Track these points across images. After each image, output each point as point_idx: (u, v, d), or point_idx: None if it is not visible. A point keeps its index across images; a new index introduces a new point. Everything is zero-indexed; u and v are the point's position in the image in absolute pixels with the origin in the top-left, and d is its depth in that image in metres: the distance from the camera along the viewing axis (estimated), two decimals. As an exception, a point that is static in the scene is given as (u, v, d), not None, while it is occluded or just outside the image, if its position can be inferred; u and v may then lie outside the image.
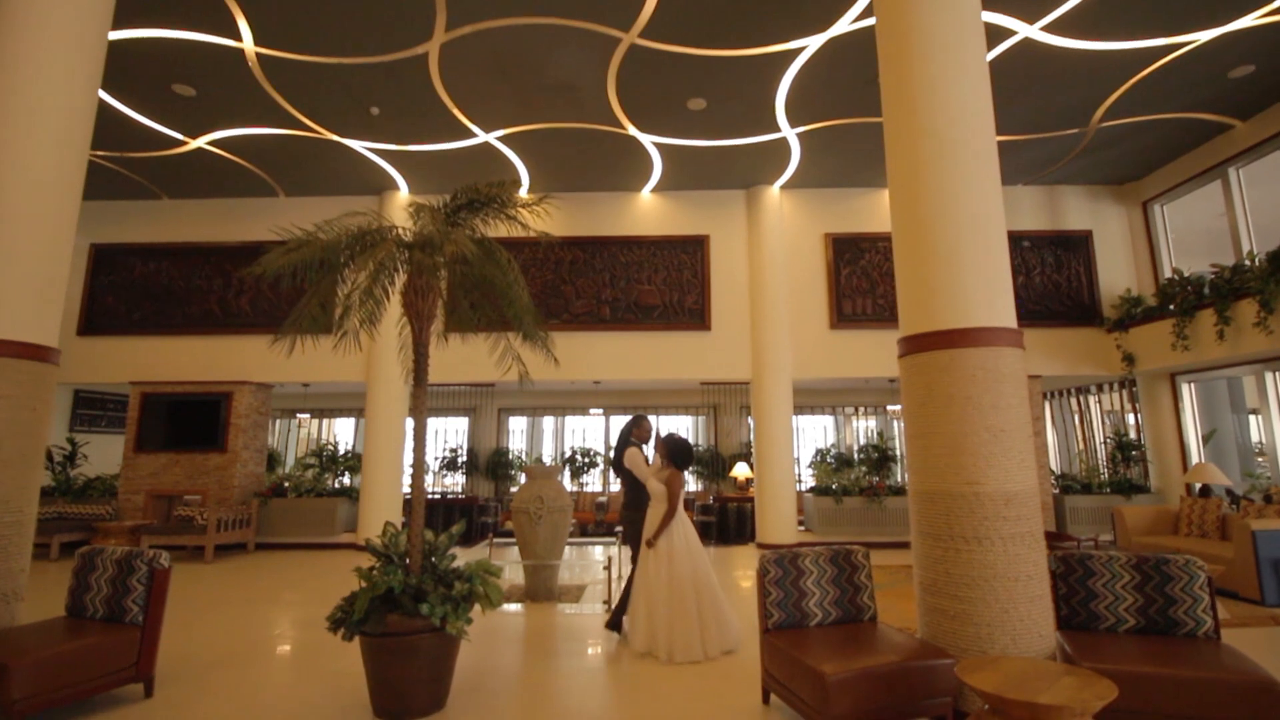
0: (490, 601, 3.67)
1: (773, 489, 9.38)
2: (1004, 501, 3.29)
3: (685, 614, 4.42)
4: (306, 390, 13.18)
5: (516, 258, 9.93)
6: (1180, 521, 7.33)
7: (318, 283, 3.53)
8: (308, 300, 3.51)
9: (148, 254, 10.42)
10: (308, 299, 3.51)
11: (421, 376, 3.75)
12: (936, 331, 3.52)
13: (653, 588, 4.55)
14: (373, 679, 3.50)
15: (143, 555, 3.88)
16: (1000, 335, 3.45)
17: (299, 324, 3.51)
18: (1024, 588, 3.24)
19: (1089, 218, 10.26)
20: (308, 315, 3.49)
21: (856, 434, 14.11)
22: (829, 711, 2.98)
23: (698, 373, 9.94)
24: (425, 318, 3.75)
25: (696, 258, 10.01)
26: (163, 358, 10.09)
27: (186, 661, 4.46)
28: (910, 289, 3.74)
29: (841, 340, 9.85)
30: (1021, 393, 3.45)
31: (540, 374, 9.93)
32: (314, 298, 3.50)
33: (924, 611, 3.51)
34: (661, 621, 4.44)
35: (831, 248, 9.96)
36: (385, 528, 3.87)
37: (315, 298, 3.50)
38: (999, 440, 3.34)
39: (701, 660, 4.32)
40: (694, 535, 4.76)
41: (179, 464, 9.82)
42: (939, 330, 3.51)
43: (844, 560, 3.81)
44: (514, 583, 7.03)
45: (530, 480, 6.56)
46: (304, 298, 3.52)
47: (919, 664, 3.15)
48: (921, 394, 3.55)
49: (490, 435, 13.98)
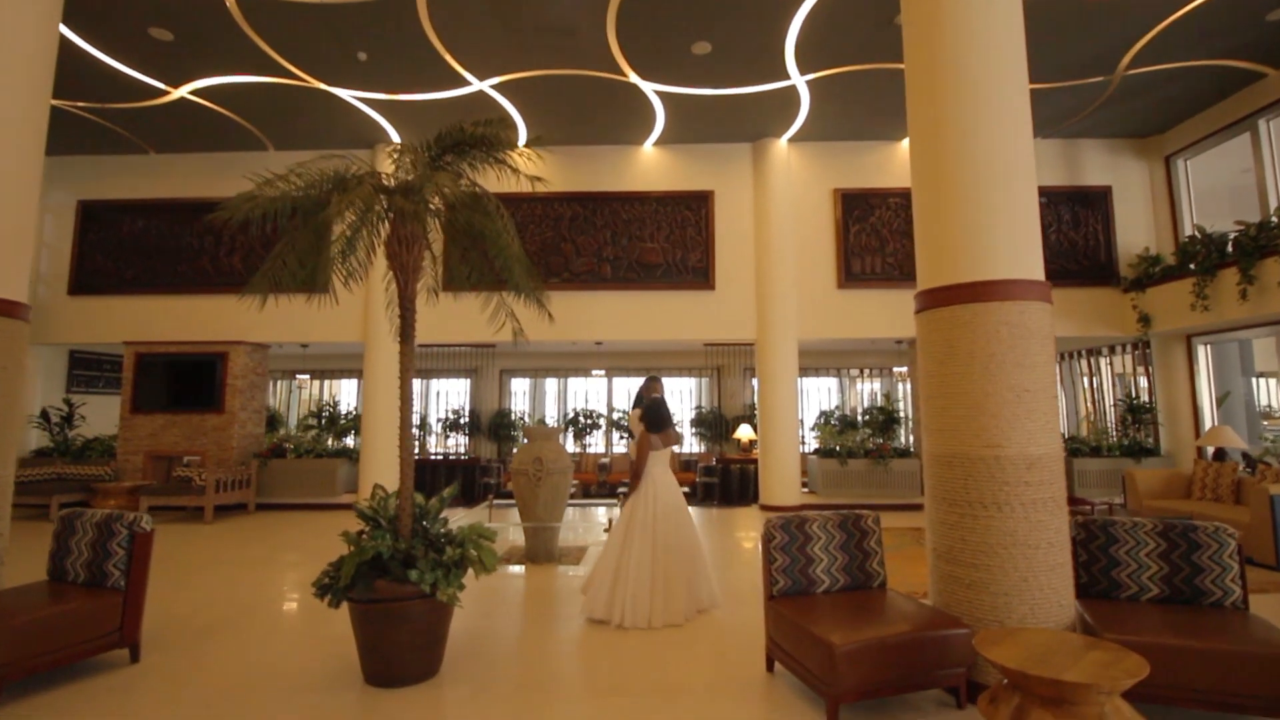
0: (484, 566, 3.53)
1: (777, 451, 9.24)
2: (1026, 466, 3.09)
3: (640, 581, 4.25)
4: (306, 351, 13.02)
5: (514, 214, 9.65)
6: (1193, 485, 7.17)
7: (293, 233, 3.28)
8: (280, 252, 3.26)
9: (136, 211, 10.13)
10: (280, 251, 3.27)
11: (408, 333, 3.54)
12: (959, 284, 3.28)
13: (612, 552, 4.43)
14: (362, 646, 3.38)
15: (123, 518, 3.73)
16: (1028, 288, 3.21)
17: (272, 279, 3.27)
18: (1045, 555, 3.07)
19: (1109, 173, 9.86)
20: (283, 269, 3.25)
21: (861, 396, 13.96)
22: (838, 683, 2.85)
23: (701, 333, 9.71)
24: (411, 270, 3.51)
25: (700, 214, 9.68)
26: (156, 317, 9.89)
27: (177, 625, 4.37)
28: (931, 239, 3.49)
29: (849, 300, 9.58)
30: (1048, 350, 3.23)
31: (539, 334, 9.69)
32: (289, 250, 3.25)
33: (937, 579, 3.35)
34: (613, 585, 4.31)
35: (840, 204, 9.61)
36: (374, 491, 3.71)
37: (291, 250, 3.25)
38: (1023, 401, 3.13)
39: (646, 628, 4.16)
40: (672, 500, 4.50)
41: (176, 425, 9.71)
42: (962, 283, 3.27)
43: (853, 525, 3.64)
44: (515, 544, 6.95)
45: (530, 442, 6.41)
46: (275, 249, 3.28)
47: (932, 634, 3.00)
48: (941, 351, 3.33)
49: (492, 397, 13.86)
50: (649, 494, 4.47)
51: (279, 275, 3.25)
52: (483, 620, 4.53)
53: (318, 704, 3.19)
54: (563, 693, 3.33)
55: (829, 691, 2.89)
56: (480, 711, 3.14)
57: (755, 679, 3.47)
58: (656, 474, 4.54)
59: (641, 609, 4.21)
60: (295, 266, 3.23)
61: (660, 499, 4.45)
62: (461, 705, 3.22)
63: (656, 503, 4.43)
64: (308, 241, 3.24)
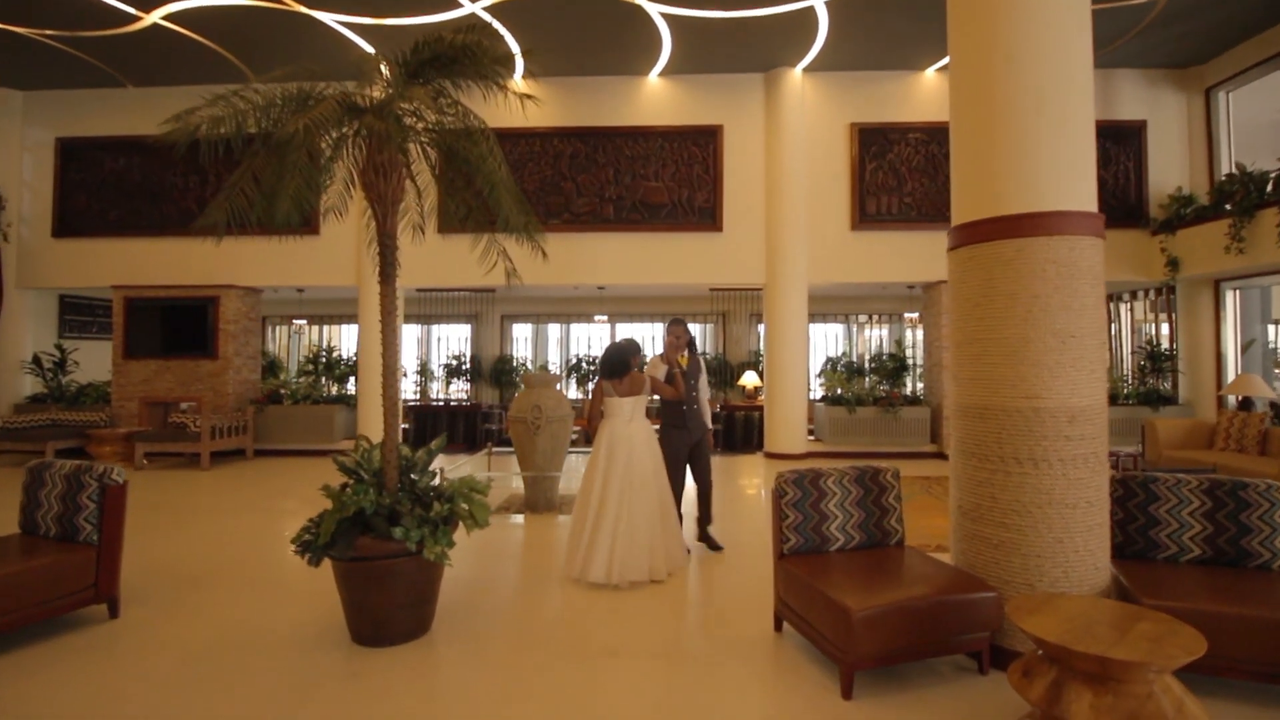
0: (476, 522, 3.31)
1: (783, 398, 9.00)
2: (1068, 419, 2.81)
3: (601, 532, 4.03)
4: (303, 296, 12.72)
5: (511, 152, 9.22)
6: (1217, 435, 6.92)
7: (252, 159, 2.92)
8: (238, 181, 2.91)
9: (117, 148, 9.68)
10: (238, 179, 2.91)
11: (388, 273, 3.22)
12: (1002, 217, 2.92)
13: (577, 509, 4.24)
14: (348, 605, 3.20)
15: (93, 470, 3.51)
16: (1079, 221, 2.86)
17: (230, 212, 2.92)
18: (1083, 515, 2.82)
19: (1144, 106, 9.26)
20: (242, 201, 2.89)
21: (869, 343, 13.64)
22: (854, 650, 2.64)
23: (708, 277, 9.34)
24: (390, 203, 3.17)
25: (708, 151, 9.16)
26: (144, 260, 9.56)
27: (162, 576, 4.21)
28: (970, 168, 3.12)
29: (863, 242, 9.16)
30: (1098, 291, 2.90)
31: (537, 276, 9.32)
32: (247, 179, 2.90)
33: (961, 538, 3.12)
34: (574, 541, 4.16)
35: (857, 139, 9.07)
36: (357, 441, 3.47)
37: (249, 180, 2.89)
38: (1068, 347, 2.82)
39: (605, 584, 3.97)
40: (635, 453, 4.16)
41: (170, 370, 9.51)
42: (1005, 216, 2.91)
43: (871, 480, 3.40)
44: (516, 491, 6.79)
45: (528, 389, 6.16)
46: (233, 177, 2.93)
47: (956, 598, 2.78)
48: (976, 292, 3.00)
49: (494, 342, 13.61)
50: (604, 446, 4.19)
51: (239, 209, 2.91)
52: (479, 571, 4.37)
53: (299, 664, 3.03)
54: (559, 653, 3.15)
55: (844, 658, 2.69)
56: (470, 675, 2.96)
57: (762, 639, 3.29)
58: (616, 426, 4.22)
59: (599, 565, 3.98)
60: (257, 198, 2.89)
61: (618, 452, 4.14)
62: (451, 667, 3.05)
63: (612, 456, 4.14)
64: (270, 170, 2.88)
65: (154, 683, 2.87)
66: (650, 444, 4.32)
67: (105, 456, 8.57)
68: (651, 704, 2.70)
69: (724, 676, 2.92)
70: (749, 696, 2.77)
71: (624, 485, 4.11)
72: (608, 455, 4.17)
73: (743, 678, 2.91)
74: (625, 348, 4.36)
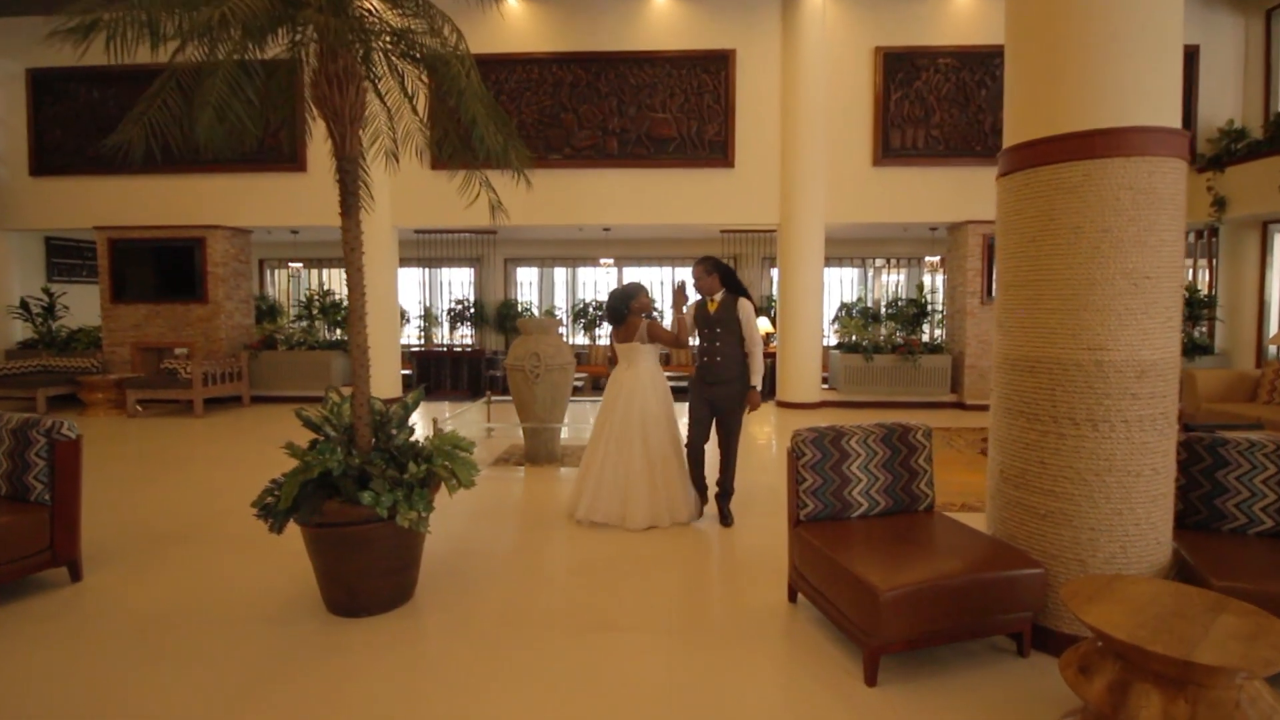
0: (459, 482, 2.99)
1: (797, 345, 8.60)
2: (1136, 374, 2.41)
3: (590, 473, 4.18)
4: (297, 238, 12.29)
5: (506, 81, 8.59)
6: (1261, 387, 6.49)
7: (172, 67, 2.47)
8: (160, 90, 2.48)
9: (92, 80, 9.09)
10: (160, 88, 2.48)
11: (350, 204, 2.80)
12: (1068, 135, 2.45)
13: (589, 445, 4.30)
14: (320, 573, 2.92)
15: (40, 424, 3.21)
16: (1162, 140, 2.39)
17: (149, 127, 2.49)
18: (1146, 484, 2.46)
19: (1196, 29, 8.44)
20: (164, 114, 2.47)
21: (885, 288, 13.13)
22: (880, 633, 2.33)
23: (719, 217, 8.80)
24: (348, 120, 2.73)
25: (720, 79, 8.49)
26: (126, 200, 9.11)
27: (137, 534, 3.98)
28: (1028, 75, 2.62)
29: (885, 179, 8.56)
30: (1179, 224, 2.46)
31: (537, 216, 8.82)
32: (170, 88, 2.46)
33: (1002, 505, 2.78)
34: (582, 482, 4.23)
35: (882, 66, 8.36)
36: (327, 393, 3.13)
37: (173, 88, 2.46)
38: (1141, 291, 2.39)
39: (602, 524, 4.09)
40: (641, 402, 4.12)
41: (160, 315, 9.19)
42: (1072, 133, 2.44)
43: (899, 439, 3.03)
44: (516, 442, 6.52)
45: (525, 335, 5.79)
46: (154, 86, 2.49)
47: (998, 574, 2.45)
48: (1033, 226, 2.56)
49: (497, 286, 13.22)
50: (607, 392, 4.27)
51: (160, 123, 2.49)
52: (471, 530, 4.10)
53: (267, 635, 2.77)
54: (551, 625, 2.88)
55: (868, 642, 2.38)
56: (454, 649, 2.69)
57: (775, 612, 3.00)
58: (618, 372, 4.27)
59: (584, 503, 4.14)
60: (180, 111, 2.46)
61: (614, 398, 4.19)
62: (431, 640, 2.78)
63: (610, 403, 4.21)
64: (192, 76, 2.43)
65: (108, 656, 2.61)
66: (652, 391, 4.18)
67: (97, 404, 8.35)
68: (652, 690, 2.41)
69: (733, 657, 2.63)
70: (762, 682, 2.48)
71: (620, 431, 4.11)
72: (607, 401, 4.24)
73: (754, 659, 2.62)
74: (621, 292, 4.25)
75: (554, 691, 2.40)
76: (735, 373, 4.07)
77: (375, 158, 3.69)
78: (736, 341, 4.07)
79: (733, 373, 4.06)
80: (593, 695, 2.37)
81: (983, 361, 8.74)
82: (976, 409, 8.58)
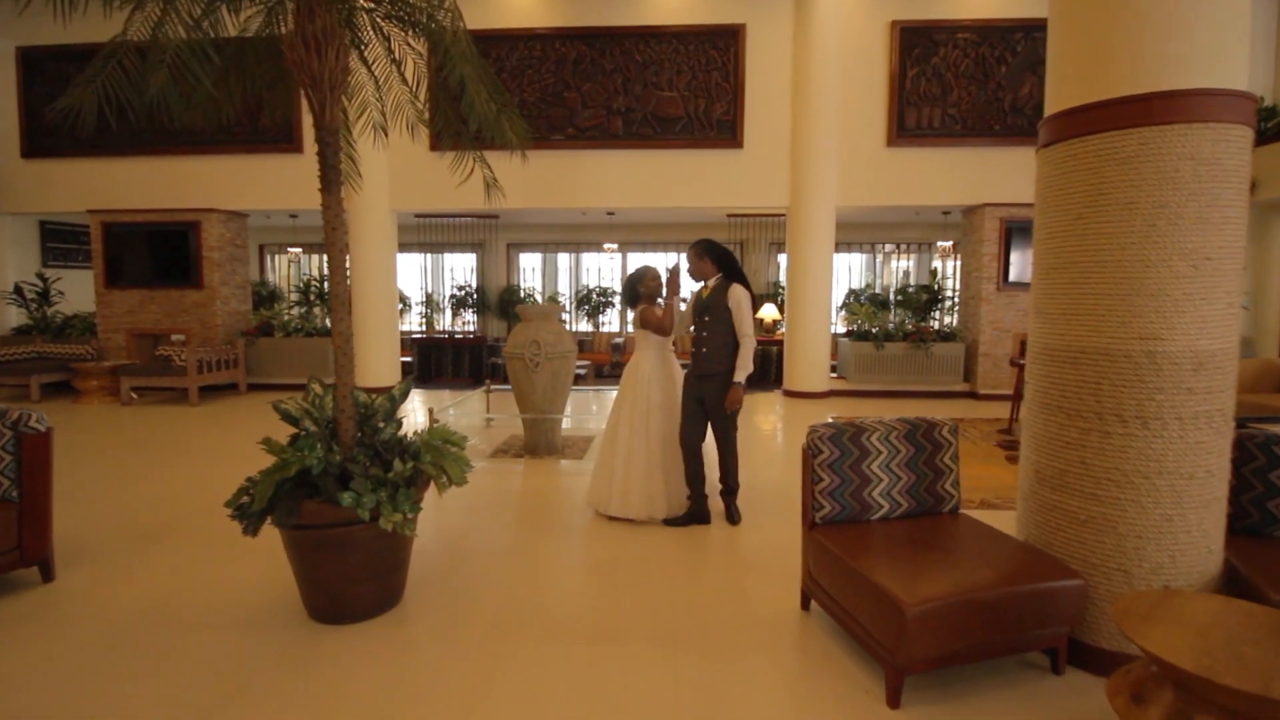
0: (450, 480, 2.79)
1: (805, 332, 8.35)
2: (1193, 366, 2.18)
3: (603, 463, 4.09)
4: (296, 222, 12.09)
5: (508, 57, 8.30)
6: (1291, 377, 6.22)
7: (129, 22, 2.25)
8: (115, 51, 2.26)
9: (83, 58, 8.74)
10: (114, 48, 2.26)
11: (330, 179, 2.58)
12: (1122, 99, 2.20)
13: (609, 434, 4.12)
14: (299, 577, 2.73)
15: (6, 416, 3.01)
16: (1226, 104, 2.14)
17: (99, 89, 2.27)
18: (1200, 488, 2.23)
19: (1228, 1, 8.07)
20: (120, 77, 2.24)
21: (894, 274, 12.86)
22: (905, 651, 2.12)
23: (727, 199, 8.52)
24: (327, 86, 2.50)
25: (729, 55, 8.18)
26: (119, 183, 8.89)
27: (117, 531, 3.80)
28: (1075, 34, 2.36)
29: (900, 160, 8.26)
30: (1243, 199, 2.21)
31: (540, 199, 8.55)
32: (126, 46, 2.24)
33: (1035, 508, 2.55)
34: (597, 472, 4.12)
35: (898, 41, 8.03)
36: (308, 384, 2.93)
37: (128, 46, 2.24)
38: (1201, 274, 2.15)
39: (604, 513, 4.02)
40: (648, 390, 3.99)
41: (155, 301, 9.01)
42: (1127, 97, 2.19)
43: (924, 436, 2.81)
44: (515, 432, 6.32)
45: (524, 323, 5.57)
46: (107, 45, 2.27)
47: (1035, 586, 2.23)
48: (1079, 202, 2.31)
49: (500, 272, 13.01)
50: (628, 380, 4.09)
51: (112, 85, 2.27)
52: (464, 527, 3.91)
53: (243, 642, 2.58)
54: (549, 633, 2.68)
55: (891, 660, 2.18)
56: (442, 660, 2.50)
57: (787, 621, 2.80)
58: (636, 358, 4.11)
59: (599, 494, 4.05)
60: (138, 75, 2.23)
61: (625, 385, 4.08)
62: (418, 649, 2.59)
63: (620, 390, 4.10)
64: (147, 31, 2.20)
65: (75, 665, 2.43)
66: (658, 380, 4.02)
67: (91, 391, 8.19)
68: (657, 708, 2.21)
69: (743, 671, 2.43)
70: (775, 701, 2.28)
71: (628, 419, 3.99)
72: (621, 389, 4.13)
73: (766, 675, 2.42)
74: (633, 276, 4.10)
75: (550, 707, 2.21)
76: (722, 365, 3.76)
77: (363, 132, 3.47)
78: (726, 331, 3.74)
79: (719, 365, 3.76)
80: (592, 712, 2.18)
81: (997, 350, 8.49)
82: (990, 399, 8.34)
